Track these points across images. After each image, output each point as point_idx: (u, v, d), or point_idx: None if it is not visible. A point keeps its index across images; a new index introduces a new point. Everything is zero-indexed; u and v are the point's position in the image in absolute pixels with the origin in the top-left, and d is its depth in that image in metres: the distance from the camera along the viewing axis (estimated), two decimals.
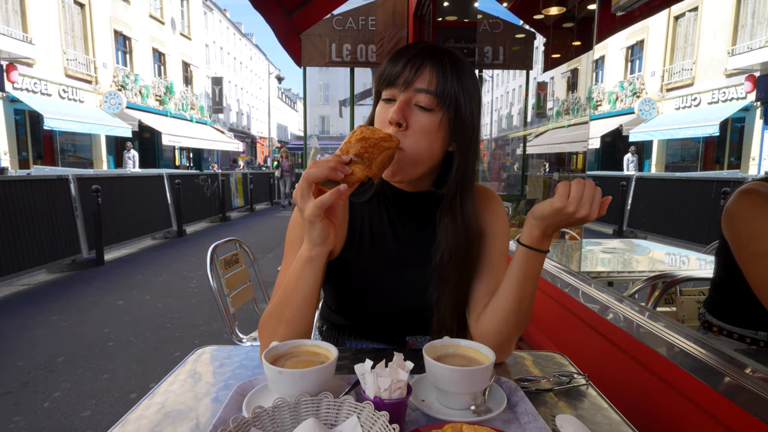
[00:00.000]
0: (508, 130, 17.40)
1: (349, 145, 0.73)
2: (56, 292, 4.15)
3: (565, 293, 1.60)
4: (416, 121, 0.80)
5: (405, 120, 0.79)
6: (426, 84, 0.79)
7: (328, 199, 0.70)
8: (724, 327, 1.16)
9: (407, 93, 0.80)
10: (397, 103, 0.79)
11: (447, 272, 0.86)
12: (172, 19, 21.00)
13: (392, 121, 0.79)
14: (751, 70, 12.29)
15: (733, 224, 1.07)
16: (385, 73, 0.83)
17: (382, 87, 0.84)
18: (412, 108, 0.80)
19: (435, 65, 0.80)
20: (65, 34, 14.27)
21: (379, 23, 4.78)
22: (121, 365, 2.73)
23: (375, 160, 0.72)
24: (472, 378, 0.67)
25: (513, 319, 0.82)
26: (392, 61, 0.82)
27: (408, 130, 0.80)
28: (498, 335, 0.83)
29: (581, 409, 0.73)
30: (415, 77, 0.79)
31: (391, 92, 0.82)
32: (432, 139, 0.81)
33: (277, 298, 0.82)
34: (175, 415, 0.69)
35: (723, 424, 0.86)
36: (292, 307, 0.79)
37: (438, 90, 0.79)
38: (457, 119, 0.82)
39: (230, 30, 32.34)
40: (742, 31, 12.82)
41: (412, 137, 0.80)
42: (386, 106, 0.83)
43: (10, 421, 2.13)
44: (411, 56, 0.80)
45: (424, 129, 0.80)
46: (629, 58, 17.84)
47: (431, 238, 0.89)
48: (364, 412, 0.59)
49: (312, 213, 0.71)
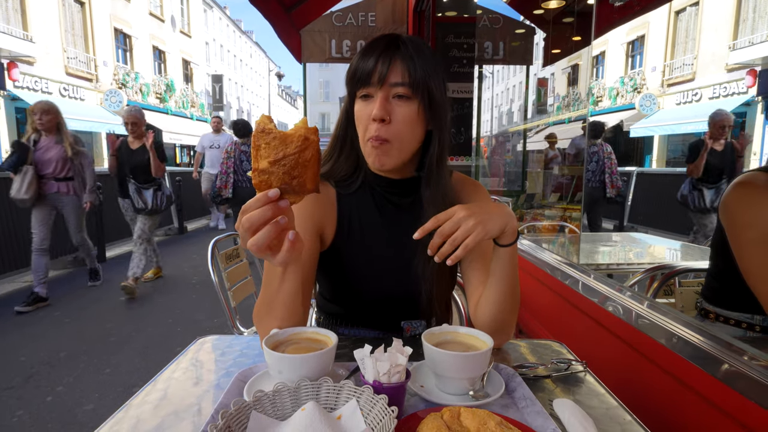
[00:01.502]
0: (509, 126, 17.36)
1: (266, 171, 0.60)
2: (58, 289, 4.16)
3: (565, 285, 1.61)
4: (398, 113, 0.84)
5: (388, 115, 0.83)
6: (400, 77, 0.83)
7: (265, 237, 0.60)
8: (720, 313, 1.18)
9: (384, 88, 0.83)
10: (378, 101, 0.83)
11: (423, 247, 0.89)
12: (172, 17, 20.96)
13: (376, 118, 0.82)
14: (752, 64, 12.24)
15: (729, 213, 1.10)
16: (357, 72, 0.85)
17: (357, 87, 0.86)
18: (391, 101, 0.83)
19: (403, 56, 0.83)
20: (65, 32, 14.25)
21: (379, 19, 4.77)
22: (124, 360, 2.74)
23: (306, 179, 0.62)
24: (470, 363, 0.68)
25: (509, 303, 0.85)
26: (362, 60, 0.85)
27: (391, 123, 0.83)
28: (495, 321, 0.86)
29: (579, 394, 0.74)
30: (388, 72, 0.82)
31: (367, 90, 0.85)
32: (413, 125, 0.85)
33: (266, 297, 0.82)
34: (177, 402, 0.70)
35: (720, 409, 0.87)
36: (281, 305, 0.80)
37: (411, 80, 0.83)
38: (431, 101, 0.86)
39: (230, 27, 32.27)
40: (743, 25, 12.77)
41: (396, 128, 0.84)
42: (364, 104, 0.86)
43: (13, 414, 2.14)
44: (380, 52, 0.83)
45: (406, 119, 0.84)
46: (630, 53, 17.78)
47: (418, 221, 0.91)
48: (364, 396, 0.60)
49: (258, 253, 0.63)
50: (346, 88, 0.90)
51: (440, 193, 0.90)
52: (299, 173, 0.61)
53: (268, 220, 0.60)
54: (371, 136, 0.84)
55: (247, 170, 4.65)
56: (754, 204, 1.05)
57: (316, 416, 0.55)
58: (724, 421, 0.87)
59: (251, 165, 0.63)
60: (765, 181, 1.05)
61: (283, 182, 0.61)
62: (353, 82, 0.86)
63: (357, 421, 0.57)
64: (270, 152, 0.60)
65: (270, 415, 0.59)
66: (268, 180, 0.61)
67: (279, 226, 0.61)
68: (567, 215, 2.85)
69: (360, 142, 0.89)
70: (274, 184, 0.61)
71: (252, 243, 0.60)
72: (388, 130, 0.83)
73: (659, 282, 1.52)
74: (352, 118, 0.90)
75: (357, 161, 0.95)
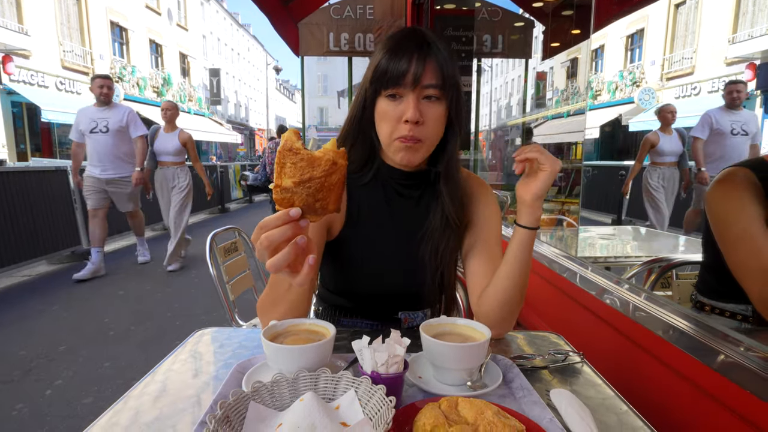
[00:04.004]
0: (507, 120, 17.33)
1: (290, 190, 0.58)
2: (56, 283, 4.16)
3: (563, 277, 1.61)
4: (429, 114, 0.84)
5: (422, 117, 0.83)
6: (434, 78, 0.82)
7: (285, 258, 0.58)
8: (715, 305, 1.20)
9: (417, 90, 0.82)
10: (411, 103, 0.82)
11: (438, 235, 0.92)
12: (168, 10, 20.80)
13: (411, 120, 0.82)
14: (751, 58, 12.22)
15: (712, 210, 1.11)
16: (389, 72, 0.82)
17: (387, 86, 0.83)
18: (422, 102, 0.83)
19: (436, 57, 0.82)
20: (61, 25, 14.14)
21: (377, 11, 4.74)
22: (123, 353, 2.75)
23: (329, 201, 0.60)
24: (467, 354, 0.68)
25: (518, 294, 0.86)
26: (392, 59, 0.82)
27: (425, 124, 0.84)
28: (501, 311, 0.87)
29: (576, 385, 0.75)
30: (423, 74, 0.81)
31: (397, 90, 0.83)
32: (441, 124, 0.87)
33: (271, 295, 0.83)
34: (176, 392, 0.70)
35: (715, 399, 0.88)
36: (287, 303, 0.82)
37: (444, 82, 0.83)
38: (458, 100, 0.87)
39: (227, 21, 32.04)
40: (743, 18, 12.73)
41: (428, 128, 0.84)
42: (392, 103, 0.84)
43: (12, 408, 2.15)
44: (412, 52, 0.82)
45: (437, 119, 0.85)
46: (629, 47, 17.72)
47: (425, 216, 0.94)
48: (362, 387, 0.60)
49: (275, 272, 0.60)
50: (368, 84, 0.87)
51: (457, 187, 0.93)
52: (323, 196, 0.59)
53: (288, 240, 0.58)
54: (402, 136, 0.83)
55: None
56: (734, 200, 1.05)
57: (314, 406, 0.56)
58: (719, 411, 0.88)
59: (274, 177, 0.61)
60: (745, 176, 1.06)
61: (306, 203, 0.59)
62: (382, 82, 0.84)
63: (355, 410, 0.57)
64: (296, 172, 0.58)
65: (268, 406, 0.59)
66: (290, 198, 0.59)
67: (299, 247, 0.58)
68: (565, 209, 2.86)
69: (383, 138, 0.88)
70: (296, 203, 0.59)
71: (271, 264, 0.58)
72: (421, 130, 0.83)
73: (657, 274, 1.52)
74: (368, 113, 0.89)
75: (369, 155, 0.94)
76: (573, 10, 3.40)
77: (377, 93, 0.86)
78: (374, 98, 0.87)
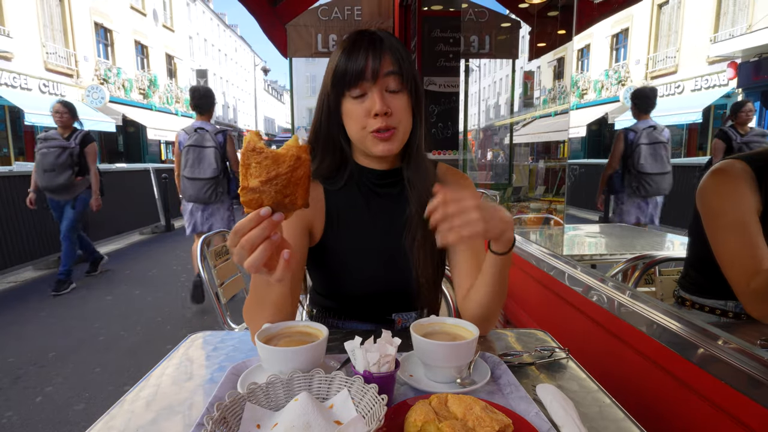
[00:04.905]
0: (496, 119, 17.45)
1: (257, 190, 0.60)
2: (44, 289, 4.11)
3: (550, 276, 1.65)
4: (396, 105, 0.87)
5: (389, 107, 0.85)
6: (393, 66, 0.86)
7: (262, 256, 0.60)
8: (696, 301, 1.23)
9: (378, 83, 0.85)
10: (376, 96, 0.85)
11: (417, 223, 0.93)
12: (153, 11, 20.57)
13: (379, 112, 0.84)
14: (732, 57, 12.45)
15: (705, 200, 1.13)
16: (348, 72, 0.85)
17: (348, 86, 0.86)
18: (387, 95, 0.86)
19: (390, 48, 0.86)
20: (44, 26, 13.89)
21: (365, 13, 4.75)
22: (113, 359, 2.73)
23: (298, 196, 0.62)
24: (457, 352, 0.71)
25: (496, 300, 0.88)
26: (348, 59, 0.85)
27: (393, 114, 0.86)
28: (482, 314, 0.89)
29: (561, 380, 0.77)
30: (381, 65, 0.85)
31: (361, 87, 0.86)
32: (408, 113, 0.90)
33: (255, 297, 0.84)
34: (171, 397, 0.71)
35: (695, 391, 0.91)
36: (271, 305, 0.83)
37: (402, 69, 0.86)
38: (416, 92, 0.90)
39: (214, 21, 31.78)
40: (724, 18, 12.98)
41: (397, 116, 0.87)
42: (358, 102, 0.87)
43: (2, 416, 2.13)
44: (366, 48, 0.85)
45: (404, 108, 0.88)
46: (614, 46, 17.96)
47: (404, 213, 0.95)
48: (355, 386, 0.62)
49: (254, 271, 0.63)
50: (329, 89, 0.89)
51: (422, 175, 0.95)
52: (291, 191, 0.61)
53: (267, 238, 0.60)
54: (375, 129, 0.86)
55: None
56: (728, 191, 1.08)
57: (308, 405, 0.57)
58: (698, 402, 0.91)
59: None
60: (741, 169, 1.08)
61: (275, 201, 0.61)
62: (343, 82, 0.86)
63: (348, 409, 0.59)
64: (261, 171, 0.59)
65: (264, 406, 0.61)
66: (258, 198, 0.60)
67: (274, 244, 0.61)
68: (552, 207, 2.90)
69: (355, 137, 0.90)
70: (265, 202, 0.60)
71: (249, 263, 0.60)
72: (392, 120, 0.86)
73: (640, 271, 1.56)
74: (334, 117, 0.91)
75: (341, 157, 0.96)
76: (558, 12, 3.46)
77: (341, 95, 0.88)
78: (338, 101, 0.89)
